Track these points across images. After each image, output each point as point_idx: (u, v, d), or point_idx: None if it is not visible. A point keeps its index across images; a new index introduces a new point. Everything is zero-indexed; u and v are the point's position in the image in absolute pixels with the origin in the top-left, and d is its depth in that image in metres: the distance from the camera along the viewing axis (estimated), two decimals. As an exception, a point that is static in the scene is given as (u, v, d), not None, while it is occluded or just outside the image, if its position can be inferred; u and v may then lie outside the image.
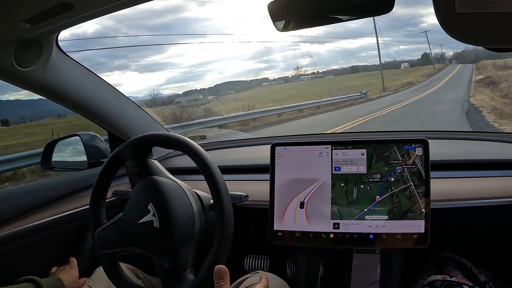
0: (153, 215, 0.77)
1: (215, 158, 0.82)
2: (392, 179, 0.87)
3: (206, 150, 0.81)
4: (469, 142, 1.25)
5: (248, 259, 1.17)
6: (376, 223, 0.87)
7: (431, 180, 0.86)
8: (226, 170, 1.15)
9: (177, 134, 0.85)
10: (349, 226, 0.89)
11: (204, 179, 0.79)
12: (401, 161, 0.87)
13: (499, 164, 1.00)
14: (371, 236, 0.88)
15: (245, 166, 1.22)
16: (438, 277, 0.95)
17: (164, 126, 1.36)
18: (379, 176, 0.88)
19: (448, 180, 0.98)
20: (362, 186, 0.88)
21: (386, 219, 0.87)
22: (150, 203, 0.78)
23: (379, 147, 0.89)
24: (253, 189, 1.03)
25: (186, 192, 0.83)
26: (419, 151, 0.87)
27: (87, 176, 1.14)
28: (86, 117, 1.11)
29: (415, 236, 0.86)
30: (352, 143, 0.91)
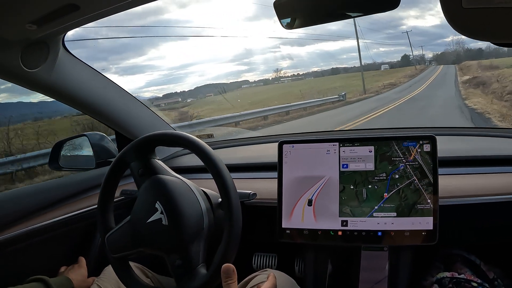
0: (161, 213, 0.78)
1: (223, 156, 0.83)
2: (397, 176, 0.88)
3: (213, 149, 0.81)
4: (477, 138, 1.25)
5: (256, 257, 1.18)
6: (384, 220, 0.87)
7: (440, 176, 0.86)
8: (233, 168, 1.15)
9: (183, 132, 0.86)
10: (357, 223, 0.89)
11: (212, 177, 0.79)
12: (402, 158, 0.88)
13: (508, 160, 0.99)
14: (380, 234, 0.88)
15: (253, 164, 1.22)
16: (447, 274, 0.94)
17: (171, 125, 1.36)
18: (384, 174, 0.88)
19: (457, 177, 0.98)
20: (370, 186, 0.89)
21: (395, 216, 0.87)
22: (157, 202, 0.79)
23: (381, 148, 0.89)
24: (261, 187, 1.03)
25: (193, 189, 0.83)
26: (426, 147, 0.87)
27: (95, 176, 1.14)
28: (93, 117, 1.12)
29: (423, 233, 0.85)
30: (359, 140, 0.91)
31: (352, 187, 0.89)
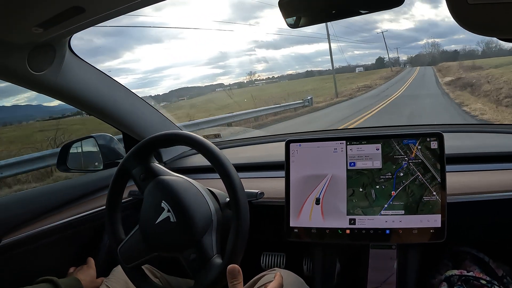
0: (168, 211, 0.78)
1: (229, 156, 0.83)
2: (402, 174, 0.88)
3: (220, 149, 0.81)
4: (484, 135, 1.24)
5: (265, 257, 1.18)
6: (392, 218, 0.87)
7: (447, 174, 0.86)
8: (241, 168, 1.16)
9: (189, 132, 0.86)
10: (365, 221, 0.89)
11: (219, 177, 0.79)
12: (404, 156, 0.88)
13: None
14: (387, 232, 0.87)
15: (260, 163, 1.22)
16: (455, 272, 0.94)
17: (177, 125, 1.37)
18: (389, 174, 0.89)
19: (465, 174, 0.97)
20: (378, 186, 0.89)
21: (402, 214, 0.87)
22: (163, 201, 0.79)
23: (384, 149, 0.90)
24: (269, 186, 1.03)
25: (198, 188, 0.84)
26: (434, 144, 0.87)
27: (103, 177, 1.15)
28: (100, 119, 1.13)
29: (431, 231, 0.85)
30: (366, 138, 0.91)
31: (361, 189, 0.90)
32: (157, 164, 0.87)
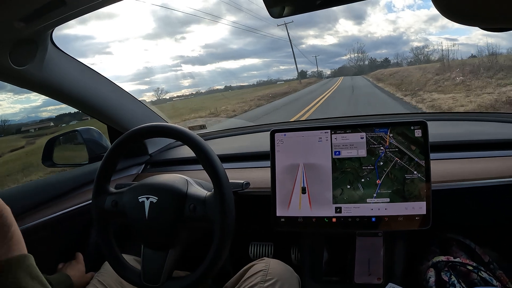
0: (147, 199, 0.79)
1: (215, 147, 0.82)
2: (381, 163, 0.89)
3: (206, 140, 0.80)
4: (468, 123, 1.25)
5: (253, 247, 1.18)
6: (378, 206, 0.88)
7: (432, 162, 0.86)
8: (227, 158, 1.15)
9: (172, 124, 0.85)
10: (351, 210, 0.89)
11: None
12: (380, 146, 0.89)
13: (500, 144, 0.99)
14: (373, 219, 0.88)
15: (246, 154, 1.21)
16: (442, 258, 0.94)
17: (162, 117, 1.36)
18: (371, 165, 0.89)
19: (449, 161, 0.98)
20: (363, 180, 0.89)
21: (388, 202, 0.87)
22: (138, 197, 0.80)
23: (368, 138, 0.90)
24: (255, 176, 1.03)
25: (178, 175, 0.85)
26: (418, 132, 0.87)
27: (88, 171, 1.14)
28: (85, 112, 1.11)
29: (417, 218, 0.86)
30: (351, 127, 0.91)
31: (348, 186, 0.90)
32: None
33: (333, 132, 0.91)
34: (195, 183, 0.85)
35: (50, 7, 0.70)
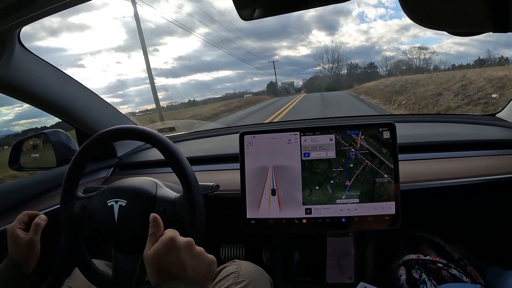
0: (116, 202, 0.78)
1: (185, 149, 0.81)
2: (352, 165, 0.89)
3: (175, 142, 0.79)
4: (436, 124, 1.26)
5: (224, 249, 1.17)
6: (347, 207, 0.88)
7: (400, 162, 0.87)
8: (196, 160, 1.14)
9: (141, 126, 0.84)
10: (321, 211, 0.89)
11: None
12: (351, 148, 0.89)
13: (466, 144, 1.01)
14: (343, 220, 0.88)
15: (216, 156, 1.20)
16: (413, 256, 0.96)
17: (131, 119, 1.34)
18: (341, 167, 0.89)
19: (417, 162, 0.99)
20: (332, 181, 0.89)
21: (357, 202, 0.87)
22: (107, 202, 0.79)
23: (337, 140, 0.90)
24: (225, 178, 1.02)
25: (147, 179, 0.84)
26: (386, 134, 0.87)
27: (56, 175, 1.11)
28: (52, 114, 1.08)
29: (386, 218, 0.86)
30: (320, 129, 0.90)
31: (317, 187, 0.90)
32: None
33: (302, 134, 0.91)
34: (164, 186, 0.84)
35: (18, 6, 0.68)
